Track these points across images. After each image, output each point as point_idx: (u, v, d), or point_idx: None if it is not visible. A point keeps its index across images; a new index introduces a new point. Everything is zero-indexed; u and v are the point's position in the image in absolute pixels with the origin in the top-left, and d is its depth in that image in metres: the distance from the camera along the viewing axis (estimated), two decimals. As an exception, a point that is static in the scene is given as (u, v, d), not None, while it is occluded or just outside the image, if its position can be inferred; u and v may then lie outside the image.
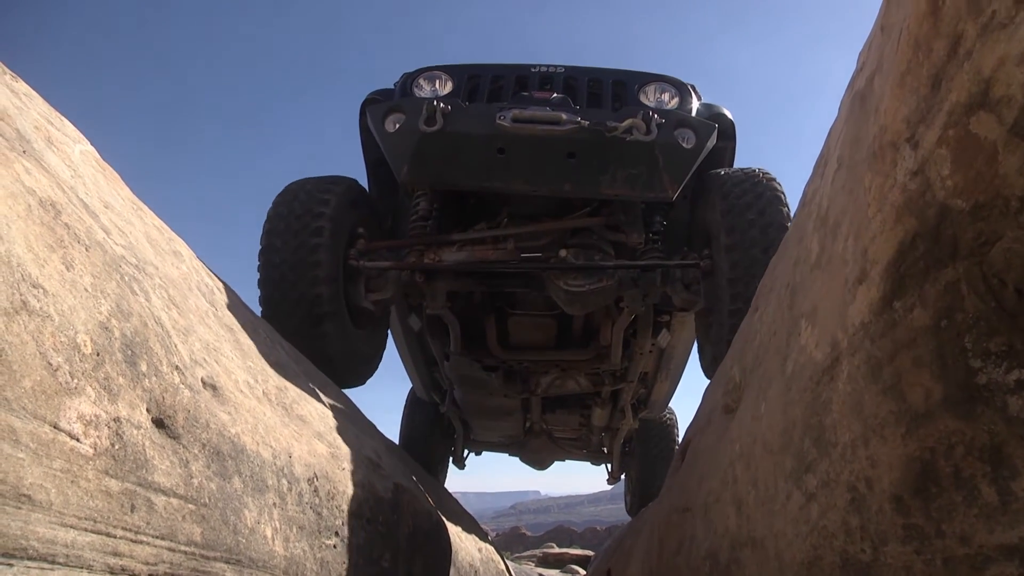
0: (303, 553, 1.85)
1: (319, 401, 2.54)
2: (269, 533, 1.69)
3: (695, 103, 3.45)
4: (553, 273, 3.42)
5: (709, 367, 3.35)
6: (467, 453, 6.79)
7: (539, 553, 19.05)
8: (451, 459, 6.74)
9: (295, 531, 1.83)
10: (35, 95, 1.75)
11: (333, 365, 3.28)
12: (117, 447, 1.21)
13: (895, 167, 1.10)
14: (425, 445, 5.97)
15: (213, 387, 1.64)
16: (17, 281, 1.07)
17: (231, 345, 2.02)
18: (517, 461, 7.54)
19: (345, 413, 2.90)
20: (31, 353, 1.06)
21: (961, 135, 0.93)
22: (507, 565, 7.36)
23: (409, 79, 3.55)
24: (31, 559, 1.03)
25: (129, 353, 1.30)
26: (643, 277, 3.48)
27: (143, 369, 1.33)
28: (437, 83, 3.51)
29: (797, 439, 1.50)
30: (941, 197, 0.98)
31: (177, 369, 1.47)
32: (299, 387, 2.41)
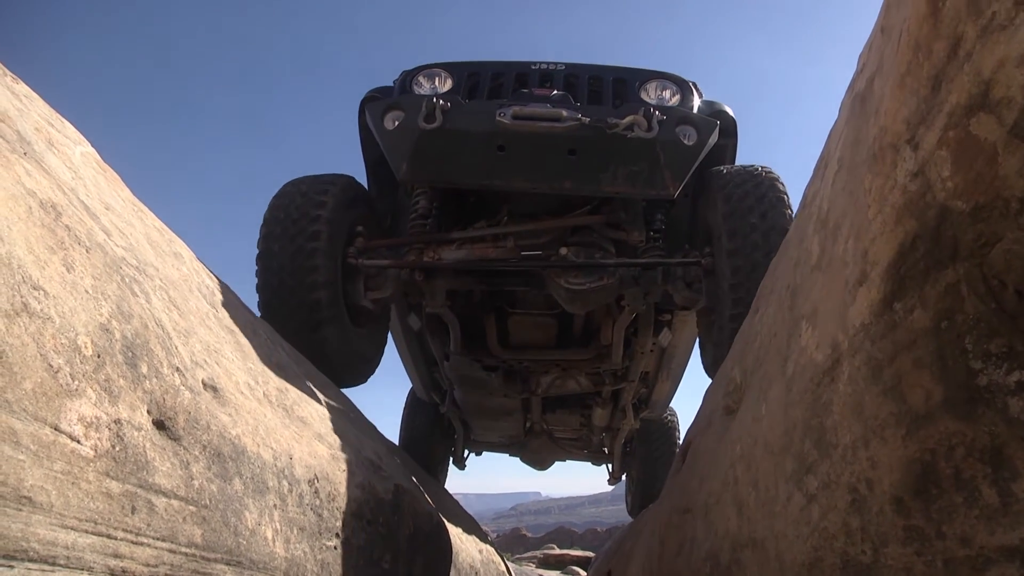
0: (304, 554, 1.85)
1: (320, 403, 2.54)
2: (270, 535, 1.69)
3: (696, 100, 3.42)
4: (553, 271, 3.40)
5: (711, 366, 3.33)
6: (467, 453, 6.76)
7: (540, 554, 19.04)
8: (451, 459, 6.71)
9: (296, 532, 1.83)
10: (35, 97, 1.75)
11: (333, 365, 3.27)
12: (118, 449, 1.21)
13: (895, 168, 1.10)
14: (425, 446, 5.94)
15: (214, 389, 1.64)
16: (18, 283, 1.07)
17: (232, 346, 2.02)
18: (517, 462, 7.52)
19: (346, 414, 2.90)
20: (32, 355, 1.06)
21: (961, 136, 0.93)
22: (508, 566, 7.36)
23: (408, 77, 3.52)
24: (32, 561, 1.03)
25: (130, 355, 1.30)
26: (644, 275, 3.45)
27: (144, 371, 1.33)
28: (436, 80, 3.47)
29: (798, 440, 1.50)
30: (941, 198, 0.98)
31: (178, 371, 1.47)
32: (300, 389, 2.41)
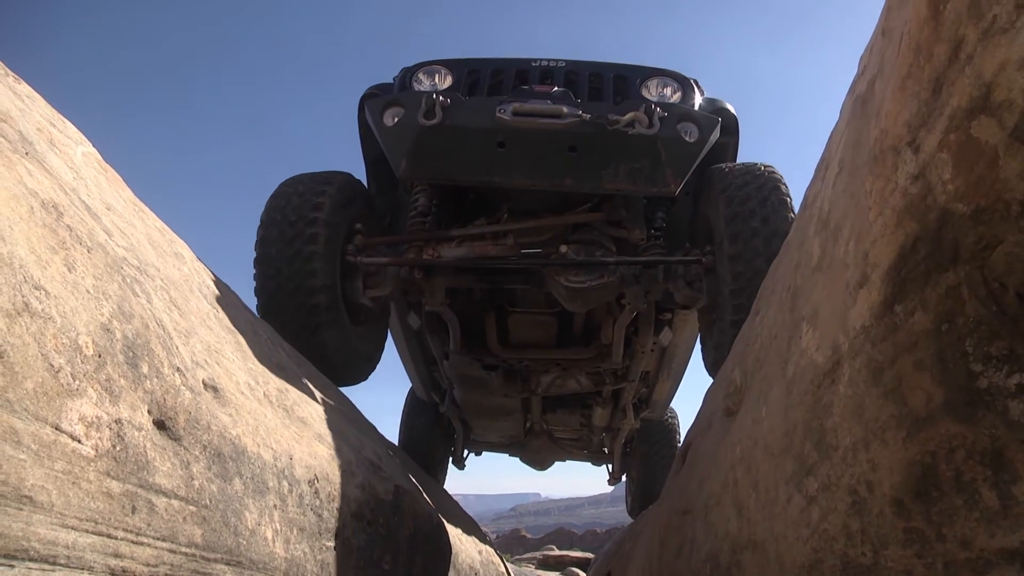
0: (304, 555, 1.85)
1: (320, 403, 2.54)
2: (270, 535, 1.69)
3: (698, 98, 3.39)
4: (553, 269, 3.38)
5: (712, 366, 3.32)
6: (467, 453, 6.74)
7: (539, 555, 19.01)
8: (451, 459, 6.69)
9: (296, 533, 1.83)
10: (37, 97, 1.75)
11: (333, 365, 3.26)
12: (118, 449, 1.21)
13: (896, 171, 1.10)
14: (425, 445, 5.93)
15: (214, 389, 1.64)
16: (19, 283, 1.07)
17: (232, 347, 2.02)
18: (517, 463, 7.51)
19: (346, 415, 2.90)
20: (33, 355, 1.06)
21: (962, 139, 0.93)
22: (507, 567, 7.35)
23: (408, 73, 3.50)
24: (32, 560, 1.03)
25: (130, 355, 1.30)
26: (645, 273, 3.43)
27: (144, 371, 1.33)
28: (436, 77, 3.45)
29: (798, 442, 1.50)
30: (942, 201, 0.98)
31: (178, 371, 1.47)
32: (300, 389, 2.41)
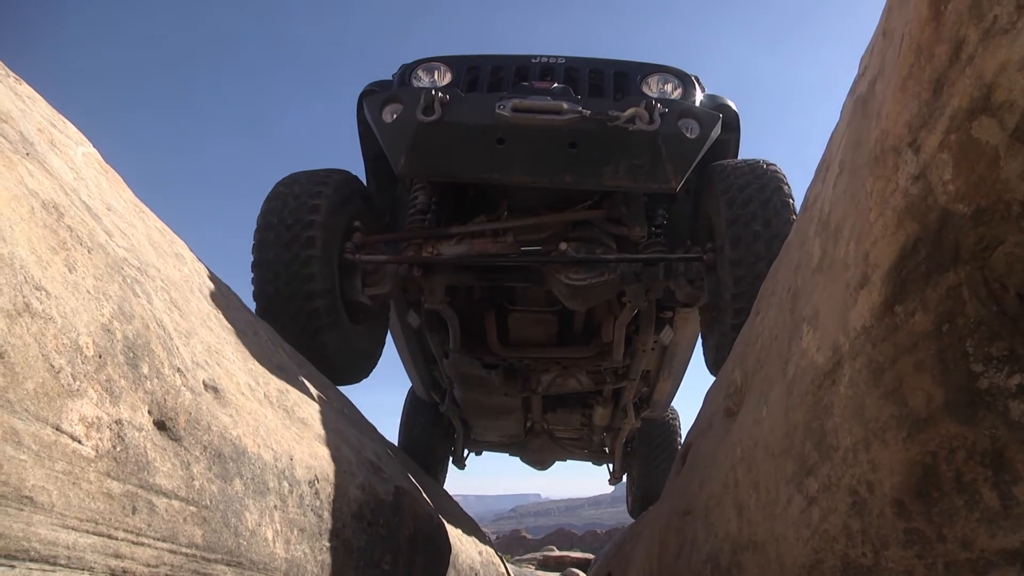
0: (304, 555, 1.85)
1: (320, 404, 2.54)
2: (270, 535, 1.69)
3: (699, 94, 3.37)
4: (553, 267, 3.36)
5: (713, 364, 3.30)
6: (467, 453, 6.72)
7: (539, 556, 19.00)
8: (451, 459, 6.67)
9: (296, 533, 1.83)
10: (38, 97, 1.76)
11: (333, 366, 3.25)
12: (119, 449, 1.21)
13: (897, 171, 1.10)
14: (425, 445, 5.91)
15: (215, 389, 1.64)
16: (20, 283, 1.07)
17: (233, 347, 2.02)
18: (518, 463, 7.49)
19: (346, 416, 2.90)
20: (33, 355, 1.06)
21: (963, 140, 0.93)
22: (507, 568, 7.35)
23: (407, 70, 3.48)
24: (33, 561, 1.03)
25: (131, 355, 1.30)
26: (645, 271, 3.41)
27: (145, 371, 1.33)
28: (436, 74, 3.43)
29: (798, 443, 1.50)
30: (943, 202, 0.98)
31: (179, 371, 1.47)
32: (300, 390, 2.41)
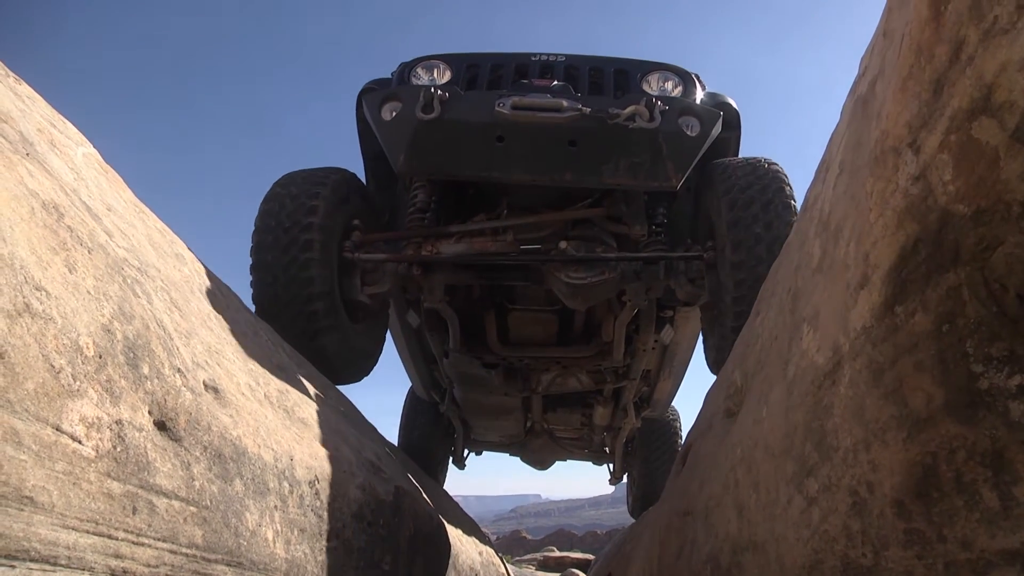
0: (304, 556, 1.85)
1: (321, 404, 2.54)
2: (270, 536, 1.69)
3: (699, 92, 3.36)
4: (553, 265, 3.34)
5: (714, 363, 3.30)
6: (467, 453, 6.70)
7: (540, 557, 18.98)
8: (451, 459, 6.66)
9: (296, 534, 1.83)
10: (38, 98, 1.76)
11: (332, 365, 3.24)
12: (119, 449, 1.21)
13: (897, 172, 1.10)
14: (424, 445, 5.89)
15: (215, 390, 1.64)
16: (20, 283, 1.07)
17: (233, 348, 2.02)
18: (518, 464, 7.48)
19: (346, 416, 2.90)
20: (34, 355, 1.06)
21: (963, 140, 0.93)
22: (507, 568, 7.35)
23: (406, 68, 3.47)
24: (33, 561, 1.03)
25: (131, 355, 1.30)
26: (646, 270, 3.39)
27: (145, 372, 1.33)
28: (435, 72, 3.42)
29: (798, 443, 1.50)
30: (943, 202, 0.98)
31: (179, 372, 1.47)
32: (301, 390, 2.41)
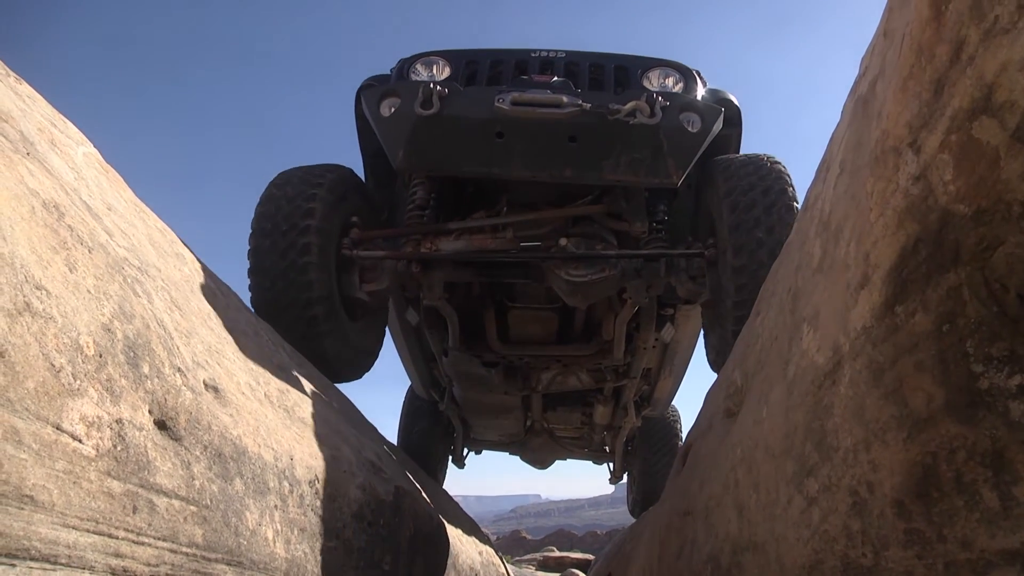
0: (304, 555, 1.85)
1: (321, 404, 2.54)
2: (270, 535, 1.69)
3: (700, 88, 3.34)
4: (553, 263, 3.33)
5: (715, 361, 3.28)
6: (467, 452, 6.69)
7: (540, 557, 18.97)
8: (451, 458, 6.64)
9: (296, 533, 1.83)
10: (38, 97, 1.76)
11: (331, 366, 3.24)
12: (119, 448, 1.21)
13: (897, 172, 1.10)
14: (424, 444, 5.88)
15: (215, 389, 1.64)
16: (20, 282, 1.08)
17: (233, 347, 2.02)
18: (518, 464, 7.46)
19: (347, 416, 2.90)
20: (34, 354, 1.06)
21: (963, 140, 0.93)
22: (507, 568, 7.34)
23: (405, 64, 3.45)
24: (33, 560, 1.03)
25: (131, 355, 1.30)
26: (646, 267, 3.37)
27: (145, 371, 1.33)
28: (434, 68, 3.40)
29: (799, 443, 1.50)
30: (943, 202, 0.98)
31: (179, 371, 1.47)
32: (301, 390, 2.41)
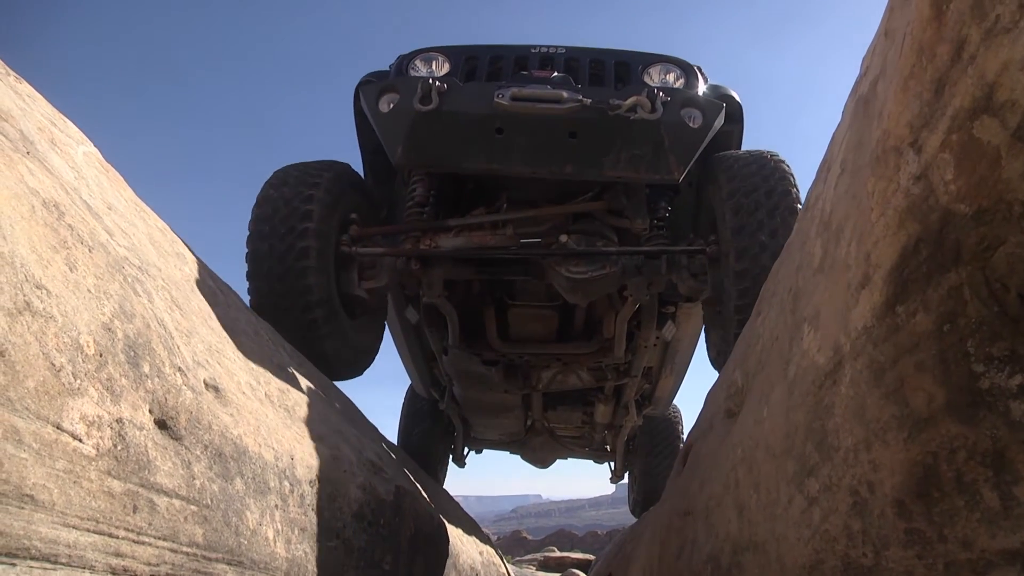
0: (304, 555, 1.85)
1: (322, 403, 2.54)
2: (271, 535, 1.69)
3: (701, 84, 3.31)
4: (554, 260, 3.31)
5: (717, 359, 3.27)
6: (467, 451, 6.67)
7: (540, 557, 18.95)
8: (451, 457, 6.62)
9: (297, 533, 1.83)
10: (38, 96, 1.76)
11: (331, 366, 3.23)
12: (119, 448, 1.21)
13: (898, 171, 1.10)
14: (424, 443, 5.87)
15: (215, 389, 1.64)
16: (21, 282, 1.08)
17: (233, 347, 2.02)
18: (518, 464, 7.45)
19: (347, 415, 2.90)
20: (34, 354, 1.06)
21: (964, 140, 0.93)
22: (508, 568, 7.34)
23: (405, 60, 3.43)
24: (34, 559, 1.03)
25: (132, 354, 1.30)
26: (647, 264, 3.34)
27: (146, 370, 1.33)
28: (434, 64, 3.38)
29: (799, 443, 1.50)
30: (944, 202, 0.98)
31: (180, 370, 1.47)
32: (301, 389, 2.41)
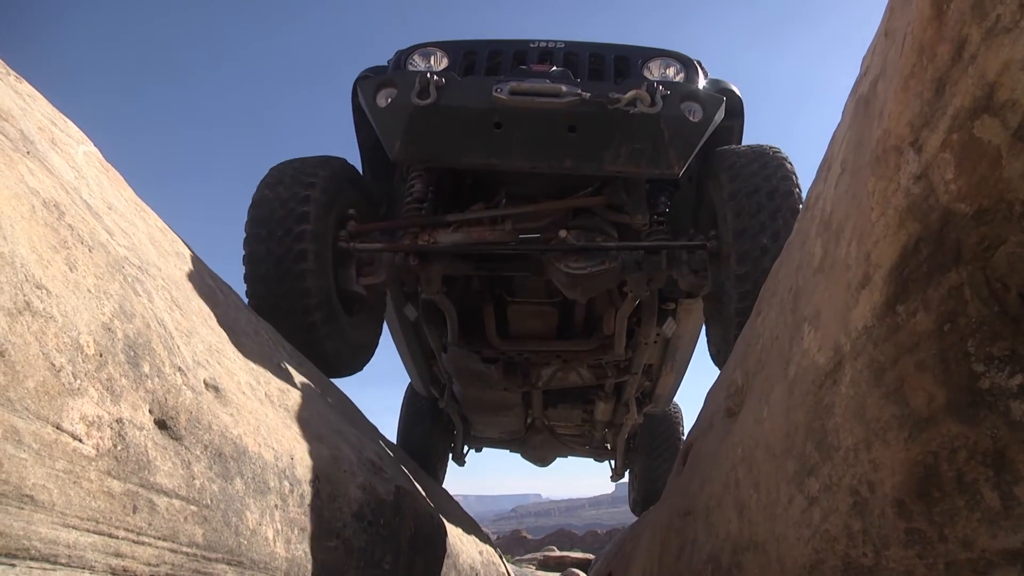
0: (304, 555, 1.85)
1: (322, 403, 2.54)
2: (271, 535, 1.69)
3: (701, 79, 3.30)
4: (553, 255, 3.29)
5: (717, 355, 3.26)
6: (467, 449, 6.65)
7: (540, 556, 18.96)
8: (451, 456, 6.59)
9: (297, 533, 1.83)
10: (38, 96, 1.76)
11: (329, 361, 3.21)
12: (119, 448, 1.21)
13: (898, 171, 1.10)
14: (424, 442, 5.85)
15: (215, 388, 1.64)
16: (21, 282, 1.07)
17: (233, 347, 2.02)
18: (518, 463, 7.45)
19: (347, 415, 2.90)
20: (34, 354, 1.06)
21: (965, 139, 0.93)
22: (508, 568, 7.34)
23: (403, 55, 3.41)
24: (33, 559, 1.03)
25: (132, 354, 1.30)
26: (647, 259, 3.33)
27: (146, 370, 1.33)
28: (432, 59, 3.36)
29: (799, 443, 1.50)
30: (944, 201, 0.98)
31: (180, 370, 1.47)
32: (301, 389, 2.41)
